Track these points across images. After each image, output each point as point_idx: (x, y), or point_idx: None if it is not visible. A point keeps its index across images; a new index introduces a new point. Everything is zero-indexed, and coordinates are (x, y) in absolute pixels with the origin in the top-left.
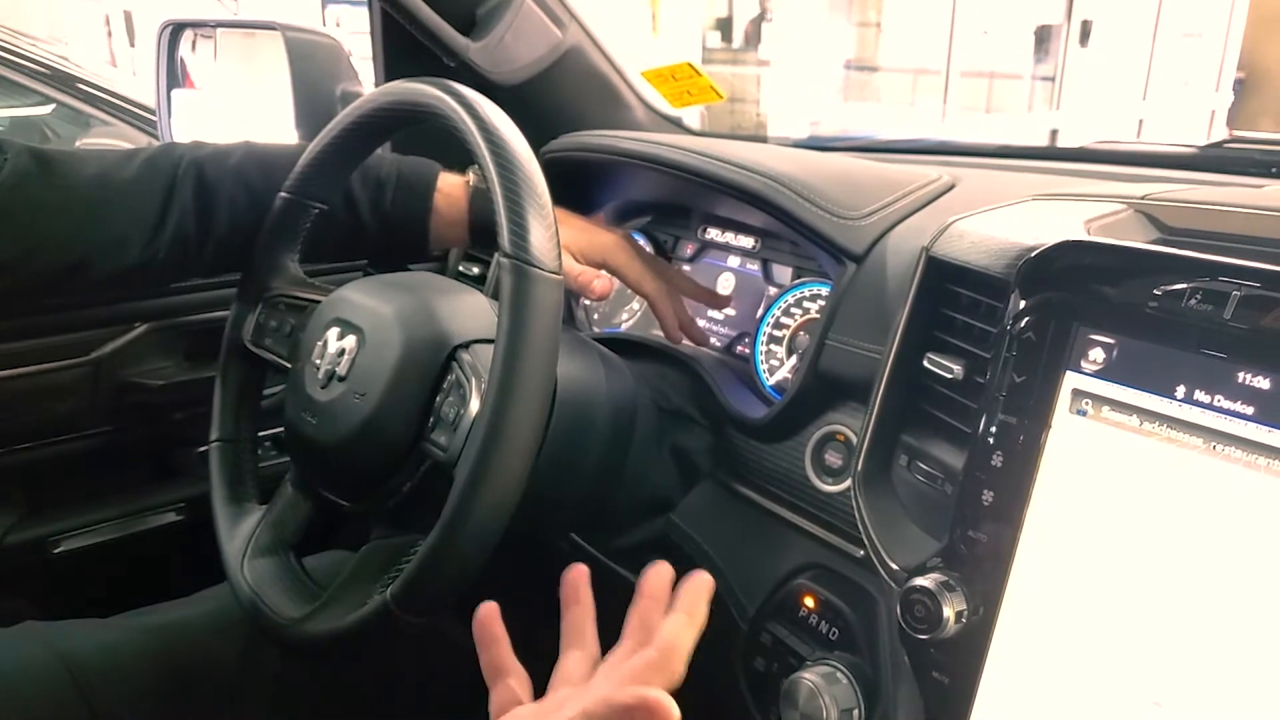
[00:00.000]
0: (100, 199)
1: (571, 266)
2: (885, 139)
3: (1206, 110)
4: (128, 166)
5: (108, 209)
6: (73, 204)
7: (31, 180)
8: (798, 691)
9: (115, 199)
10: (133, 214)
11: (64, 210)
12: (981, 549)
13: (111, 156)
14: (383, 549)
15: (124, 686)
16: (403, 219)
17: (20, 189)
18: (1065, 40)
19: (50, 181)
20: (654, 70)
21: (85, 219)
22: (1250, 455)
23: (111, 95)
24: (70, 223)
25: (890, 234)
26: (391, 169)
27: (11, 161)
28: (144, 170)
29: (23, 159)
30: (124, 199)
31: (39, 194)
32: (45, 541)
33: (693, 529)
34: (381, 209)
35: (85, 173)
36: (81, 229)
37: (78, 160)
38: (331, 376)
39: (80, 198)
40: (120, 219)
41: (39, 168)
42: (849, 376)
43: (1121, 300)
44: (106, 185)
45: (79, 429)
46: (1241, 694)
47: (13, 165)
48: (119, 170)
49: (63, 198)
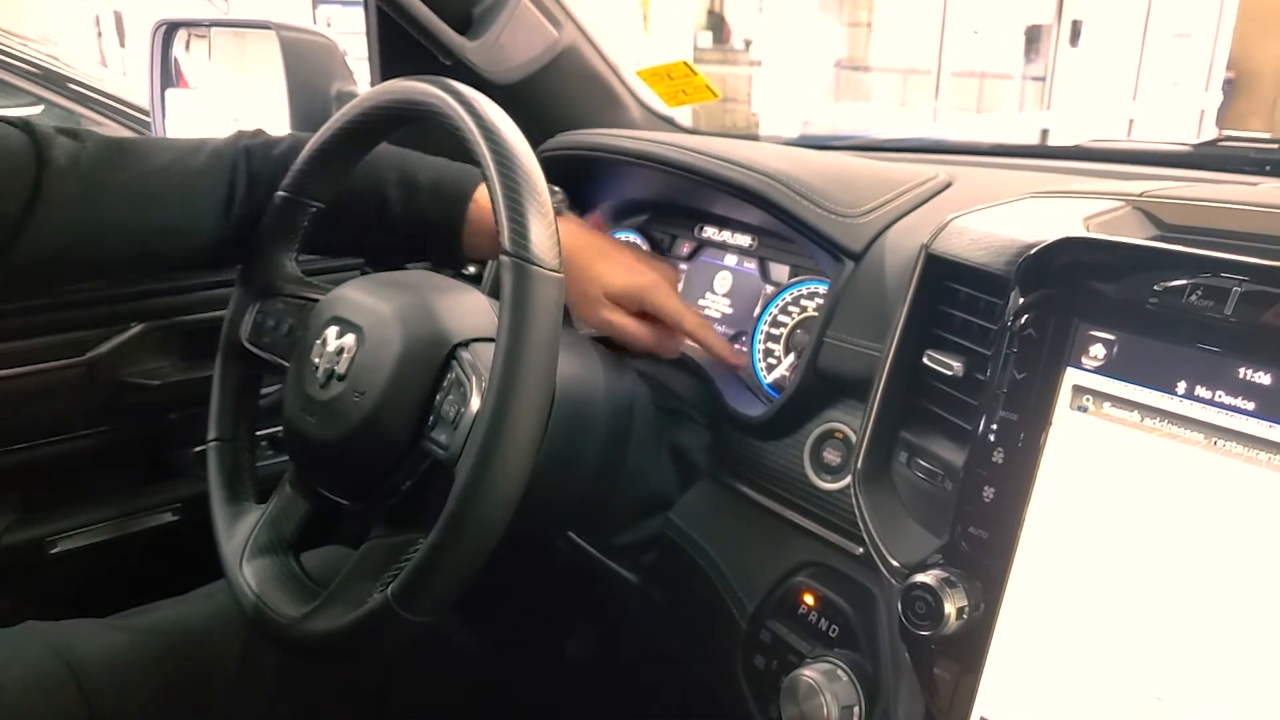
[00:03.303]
0: (172, 186)
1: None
2: (881, 137)
3: (1196, 110)
4: (197, 156)
5: (178, 196)
6: (146, 192)
7: (109, 168)
8: (798, 689)
9: (186, 186)
10: (201, 202)
11: (138, 198)
12: (983, 545)
13: (183, 145)
14: (382, 548)
15: (125, 686)
16: (435, 225)
17: (98, 176)
18: (1056, 40)
19: (126, 169)
20: (649, 69)
21: (157, 207)
22: (1251, 450)
23: (102, 95)
24: (143, 210)
25: (888, 232)
26: (430, 174)
27: (90, 149)
28: (211, 161)
29: (101, 147)
30: (193, 187)
31: (116, 181)
32: (42, 542)
33: (691, 527)
34: (414, 213)
35: (159, 161)
36: (153, 216)
37: (152, 149)
38: (331, 375)
39: (153, 186)
40: (190, 207)
41: (117, 156)
42: (847, 374)
43: (1122, 296)
44: (178, 173)
45: (75, 429)
46: (1243, 688)
47: (90, 153)
48: (189, 159)
49: (137, 186)
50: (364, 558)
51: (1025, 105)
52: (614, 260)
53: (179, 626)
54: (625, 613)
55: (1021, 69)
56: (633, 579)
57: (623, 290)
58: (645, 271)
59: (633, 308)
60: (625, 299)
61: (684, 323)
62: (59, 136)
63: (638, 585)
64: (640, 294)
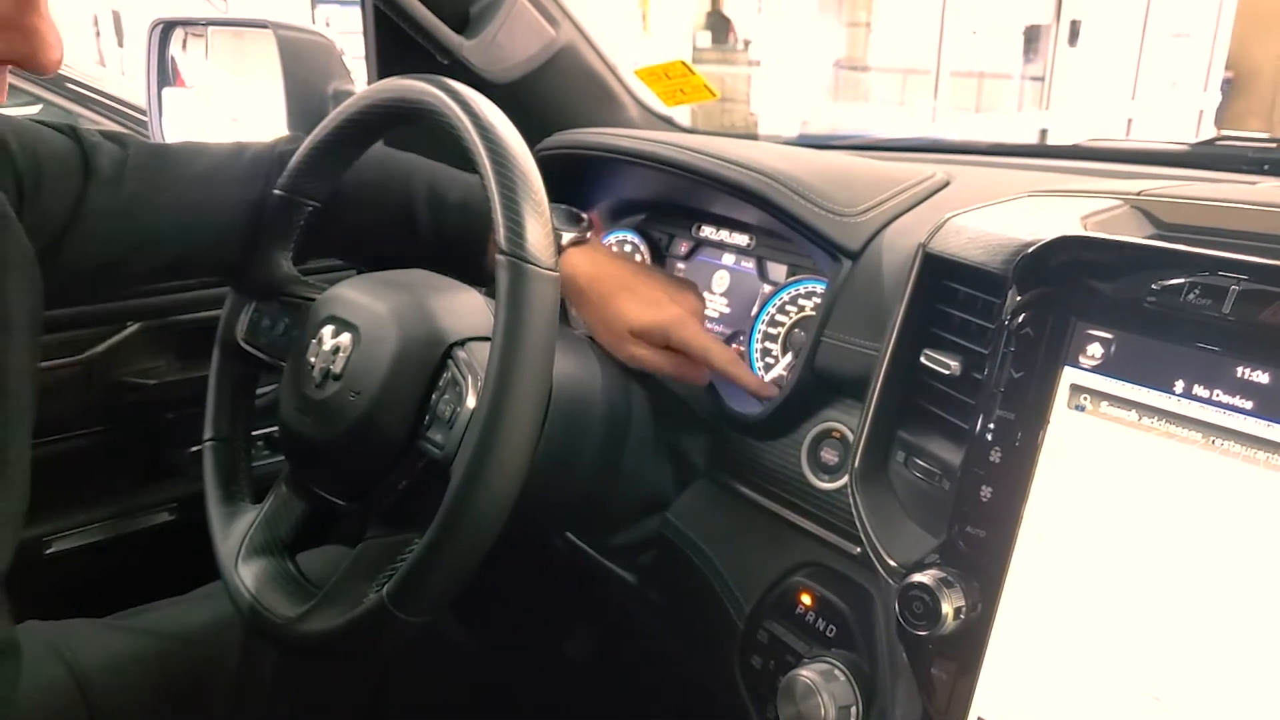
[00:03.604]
0: (206, 197)
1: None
2: (880, 137)
3: (1195, 110)
4: (236, 165)
5: (215, 207)
6: (182, 203)
7: (152, 179)
8: (795, 689)
9: (223, 197)
10: (231, 214)
11: (178, 208)
12: (980, 545)
13: (220, 153)
14: (378, 548)
15: (123, 686)
16: (458, 244)
17: (141, 187)
18: (1054, 40)
19: (168, 179)
20: (647, 69)
21: (196, 217)
22: (1249, 450)
23: (100, 95)
24: (183, 221)
25: (886, 230)
26: (460, 193)
27: (133, 157)
28: (250, 169)
29: (143, 155)
30: (230, 198)
31: (158, 193)
32: (38, 542)
33: (688, 527)
34: (439, 231)
35: (197, 169)
36: (192, 227)
37: (191, 155)
38: (326, 375)
39: (193, 196)
40: (226, 216)
41: (159, 164)
42: (845, 373)
43: (1119, 295)
44: (214, 183)
45: (71, 429)
46: (1241, 688)
47: (134, 162)
48: (227, 168)
49: (178, 196)
50: (360, 558)
51: (1024, 105)
52: (637, 295)
53: (177, 627)
54: (623, 613)
55: (1020, 69)
56: (630, 579)
57: (647, 327)
58: (669, 306)
59: (659, 343)
60: (650, 336)
61: (711, 359)
62: (105, 143)
63: (635, 585)
64: (666, 331)
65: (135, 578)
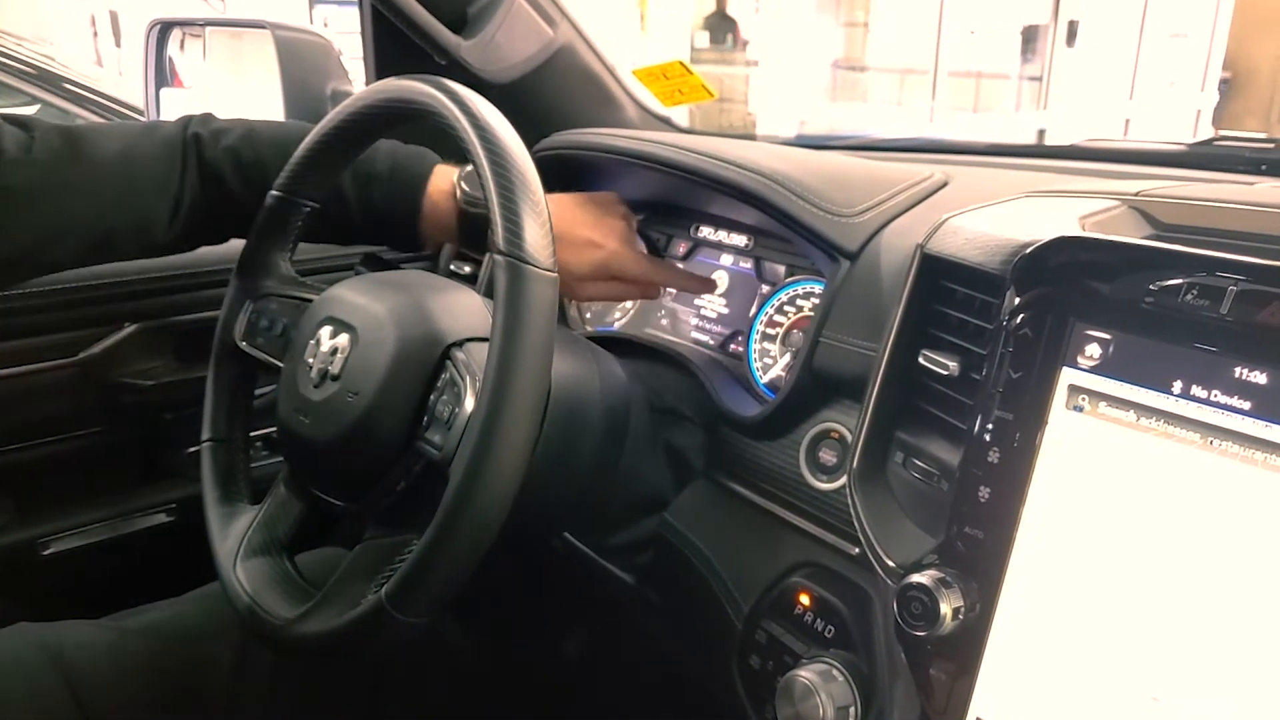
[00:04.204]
0: (124, 175)
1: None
2: (877, 137)
3: (1192, 110)
4: (149, 143)
5: (132, 185)
6: (100, 183)
7: (61, 159)
8: (794, 689)
9: (139, 175)
10: (155, 191)
11: (92, 190)
12: (978, 546)
13: (132, 132)
14: (376, 549)
15: (117, 687)
16: (389, 216)
17: (50, 169)
18: (1052, 40)
19: (78, 160)
20: (645, 69)
21: (112, 197)
22: (1247, 450)
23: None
24: (98, 202)
25: (884, 231)
26: (385, 163)
27: (40, 140)
28: (162, 148)
29: (51, 137)
30: (147, 176)
31: (68, 174)
32: (35, 543)
33: (687, 527)
34: (368, 206)
35: (110, 149)
36: (108, 207)
37: (103, 136)
38: (324, 375)
39: (106, 175)
40: (144, 197)
41: (67, 147)
42: (843, 374)
43: (1117, 296)
44: (130, 162)
45: (68, 430)
46: (1239, 688)
47: (41, 143)
48: (141, 146)
49: (90, 177)
50: (358, 559)
51: (1022, 105)
52: (571, 242)
53: (173, 628)
54: (621, 613)
55: (1018, 69)
56: (628, 579)
57: (589, 273)
58: (600, 244)
59: (605, 278)
60: (595, 277)
61: (653, 279)
62: (7, 126)
63: (634, 585)
64: (605, 269)
65: (133, 579)
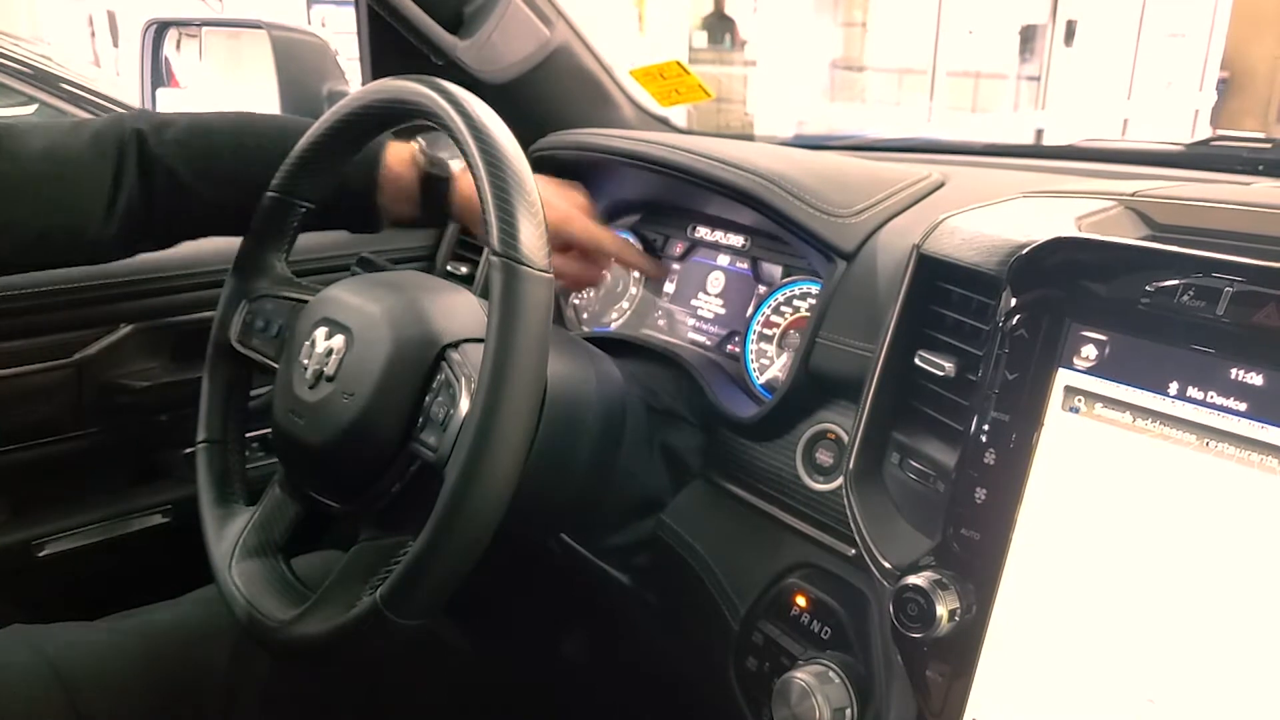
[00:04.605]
0: (51, 174)
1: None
2: (874, 137)
3: (1190, 110)
4: (76, 140)
5: (60, 185)
6: (25, 181)
7: None
8: (790, 691)
9: (67, 174)
10: (85, 189)
11: (16, 189)
12: (974, 547)
13: (57, 130)
14: (372, 550)
15: (110, 689)
16: (345, 196)
17: None
18: (1050, 40)
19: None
20: (642, 69)
21: (38, 198)
22: (1243, 451)
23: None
24: (23, 202)
25: (880, 231)
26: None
27: None
28: (93, 144)
29: None
30: (75, 174)
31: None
32: (30, 544)
33: (683, 528)
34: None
35: (35, 147)
36: (34, 209)
37: (25, 134)
38: (320, 376)
39: (31, 174)
40: (73, 195)
41: None
42: (840, 375)
43: (1113, 297)
44: (57, 160)
45: (63, 431)
46: (1235, 690)
47: None
48: (67, 144)
49: (17, 171)
50: (353, 560)
51: (1020, 105)
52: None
53: (169, 630)
54: (618, 614)
55: (1016, 69)
56: (625, 580)
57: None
58: (554, 207)
59: (557, 247)
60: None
61: (604, 245)
62: None
63: (630, 587)
64: (556, 230)
65: (128, 581)
